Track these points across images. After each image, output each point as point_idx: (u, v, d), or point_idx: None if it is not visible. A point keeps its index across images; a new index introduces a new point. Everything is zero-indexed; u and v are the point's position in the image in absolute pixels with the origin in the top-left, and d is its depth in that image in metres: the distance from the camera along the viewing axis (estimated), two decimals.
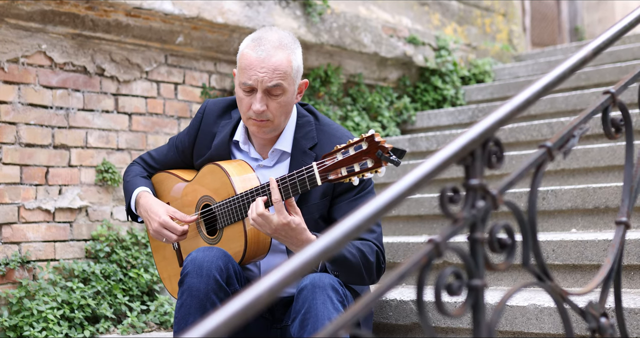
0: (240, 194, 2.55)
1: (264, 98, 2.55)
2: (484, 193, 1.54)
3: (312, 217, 2.60)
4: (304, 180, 2.34)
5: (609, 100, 2.03)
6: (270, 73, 2.53)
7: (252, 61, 2.54)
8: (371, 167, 2.21)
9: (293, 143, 2.69)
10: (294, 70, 2.58)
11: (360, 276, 2.56)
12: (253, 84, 2.54)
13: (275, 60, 2.54)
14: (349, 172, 2.24)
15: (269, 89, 2.54)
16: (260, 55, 2.54)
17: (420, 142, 5.30)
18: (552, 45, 8.66)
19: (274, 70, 2.53)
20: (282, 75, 2.54)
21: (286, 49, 2.57)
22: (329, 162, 2.28)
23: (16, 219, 3.90)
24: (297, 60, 2.60)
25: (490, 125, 1.59)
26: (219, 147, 2.77)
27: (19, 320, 3.62)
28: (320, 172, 2.30)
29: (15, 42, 3.96)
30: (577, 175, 4.01)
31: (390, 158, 2.18)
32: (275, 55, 2.54)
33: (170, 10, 4.40)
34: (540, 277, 1.72)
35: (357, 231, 1.36)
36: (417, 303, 1.40)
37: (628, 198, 2.08)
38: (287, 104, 2.59)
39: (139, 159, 3.06)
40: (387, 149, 2.18)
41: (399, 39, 5.89)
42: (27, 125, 3.98)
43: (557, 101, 5.10)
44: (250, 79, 2.54)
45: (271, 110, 2.57)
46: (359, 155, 2.22)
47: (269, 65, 2.53)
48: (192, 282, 2.46)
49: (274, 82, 2.53)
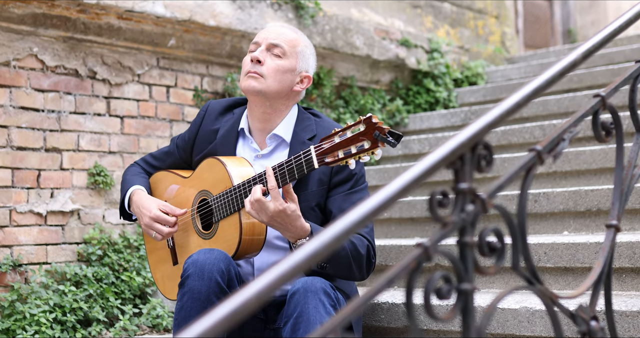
0: (237, 185, 2.58)
1: (264, 52, 2.73)
2: (473, 197, 1.54)
3: (308, 204, 2.64)
4: (301, 164, 2.38)
5: (599, 103, 2.03)
6: (276, 34, 2.75)
7: (266, 29, 2.81)
8: (368, 148, 2.23)
9: (292, 134, 2.75)
10: (299, 48, 2.77)
11: (349, 269, 2.57)
12: (259, 41, 2.75)
13: (284, 30, 2.79)
14: (345, 154, 2.27)
15: (270, 46, 2.73)
16: (273, 26, 2.84)
17: (412, 144, 5.31)
18: (545, 48, 8.68)
19: (280, 33, 2.76)
20: (287, 41, 2.75)
21: (297, 33, 2.82)
22: (327, 145, 2.31)
23: (8, 222, 3.89)
24: (307, 46, 2.81)
25: (480, 129, 1.59)
26: (224, 136, 2.84)
27: (11, 323, 3.61)
28: (318, 154, 2.33)
29: (7, 45, 3.95)
30: (569, 177, 4.02)
31: (388, 139, 2.20)
32: (287, 29, 2.81)
33: (162, 13, 4.40)
34: (530, 280, 1.72)
35: (348, 233, 1.36)
36: (407, 307, 1.40)
37: (618, 202, 2.08)
38: (283, 70, 2.73)
39: (140, 160, 3.10)
40: (384, 129, 2.21)
41: (391, 42, 5.90)
42: (18, 129, 3.97)
43: (550, 103, 5.11)
44: (259, 37, 2.77)
45: (267, 65, 2.72)
46: (356, 137, 2.25)
47: (278, 31, 2.78)
48: (193, 284, 2.46)
49: (277, 41, 2.73)
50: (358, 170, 2.70)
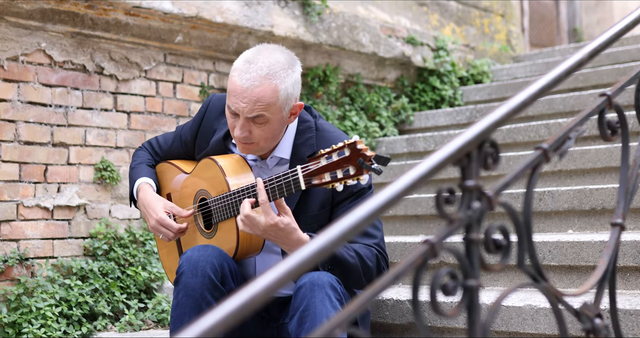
0: (233, 191, 2.56)
1: (246, 125, 2.52)
2: (480, 194, 1.55)
3: (310, 228, 2.56)
4: (289, 182, 2.33)
5: (605, 102, 2.04)
6: (252, 104, 2.48)
7: (236, 88, 2.50)
8: (353, 175, 2.18)
9: (292, 150, 2.68)
10: (280, 99, 2.50)
11: (359, 280, 2.55)
12: (235, 111, 2.53)
13: (259, 91, 2.48)
14: (332, 178, 2.21)
15: (251, 118, 2.52)
16: (243, 85, 2.49)
17: (418, 142, 5.31)
18: (551, 46, 8.67)
19: (255, 101, 2.48)
20: (265, 106, 2.48)
21: (274, 79, 2.49)
22: (313, 166, 2.25)
23: (15, 217, 3.91)
24: (287, 88, 2.52)
25: (487, 127, 1.60)
26: (215, 145, 2.79)
27: (17, 317, 3.63)
28: (305, 176, 2.27)
29: (15, 40, 3.97)
30: (574, 176, 4.02)
31: (372, 166, 2.15)
32: (259, 86, 2.48)
33: (169, 9, 4.41)
34: (535, 277, 1.73)
35: (354, 230, 1.36)
36: (413, 304, 1.41)
37: (624, 200, 2.09)
38: (273, 130, 2.56)
39: (146, 143, 3.07)
40: (368, 157, 2.14)
41: (397, 39, 5.90)
42: (26, 123, 3.98)
43: (555, 102, 5.11)
44: (233, 106, 2.52)
45: (254, 135, 2.55)
46: (341, 161, 2.19)
47: (251, 96, 2.48)
48: (187, 281, 2.48)
49: (254, 114, 2.49)
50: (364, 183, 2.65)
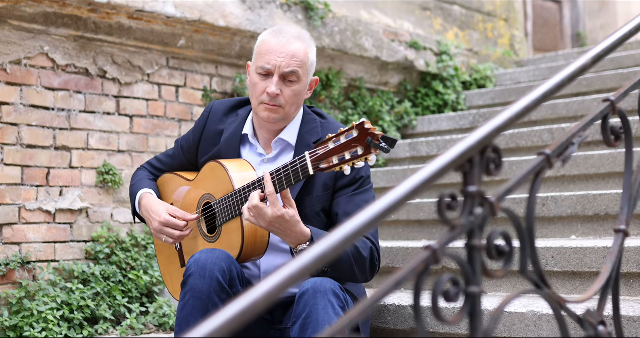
0: (238, 189, 2.57)
1: (279, 82, 2.63)
2: (482, 200, 1.54)
3: (314, 209, 2.64)
4: (297, 170, 2.36)
5: (609, 108, 2.03)
6: (289, 59, 2.62)
7: (273, 46, 2.64)
8: (361, 155, 2.22)
9: (298, 138, 2.74)
10: (309, 61, 2.68)
11: (352, 272, 2.56)
12: (271, 68, 2.62)
13: (295, 47, 2.64)
14: (340, 161, 2.26)
15: (285, 75, 2.62)
16: (281, 41, 2.63)
17: (420, 146, 5.30)
18: (554, 51, 8.66)
19: (292, 56, 2.62)
20: (299, 63, 2.63)
21: (304, 41, 2.68)
22: (321, 150, 2.30)
23: (17, 220, 3.91)
24: (312, 55, 2.71)
25: (489, 132, 1.60)
26: (228, 140, 2.81)
27: (19, 320, 3.62)
28: (313, 161, 2.31)
29: (18, 44, 3.97)
30: (577, 181, 4.01)
31: (380, 145, 2.19)
32: (294, 43, 2.65)
33: (172, 13, 4.41)
34: (538, 284, 1.72)
35: (356, 236, 1.36)
36: (414, 310, 1.41)
37: (627, 206, 2.08)
38: (300, 93, 2.67)
39: (146, 164, 3.10)
40: (377, 135, 2.19)
41: (400, 44, 5.90)
42: (28, 127, 3.98)
43: (558, 107, 5.10)
44: (269, 63, 2.62)
45: (284, 96, 2.64)
46: (349, 143, 2.24)
47: (288, 51, 2.63)
48: (195, 283, 2.47)
49: (291, 69, 2.62)
50: (364, 172, 2.68)
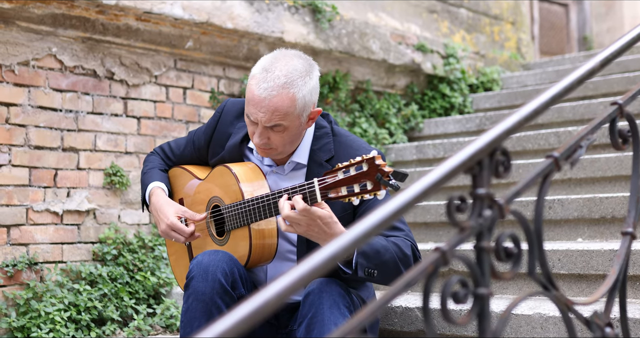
0: (247, 200, 2.55)
1: (264, 132, 2.53)
2: (491, 202, 1.55)
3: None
4: (305, 194, 2.32)
5: (617, 111, 2.04)
6: (270, 114, 2.47)
7: (254, 98, 2.50)
8: (370, 190, 2.18)
9: (310, 154, 2.68)
10: (298, 108, 2.50)
11: (397, 270, 2.47)
12: (253, 120, 2.52)
13: (276, 101, 2.47)
14: (349, 192, 2.21)
15: (269, 127, 2.52)
16: (261, 94, 2.48)
17: (427, 149, 5.31)
18: (561, 54, 8.66)
19: (273, 111, 2.47)
20: (282, 116, 2.48)
21: (291, 88, 2.48)
22: (330, 179, 2.25)
23: (24, 221, 3.92)
24: (305, 96, 2.51)
25: (498, 135, 1.60)
26: (231, 149, 2.78)
27: (26, 321, 3.64)
28: (321, 189, 2.27)
29: (26, 45, 3.99)
30: (584, 184, 4.01)
31: (390, 182, 2.15)
32: (277, 95, 2.47)
33: (180, 15, 4.43)
34: (546, 286, 1.73)
35: (366, 238, 1.36)
36: (424, 311, 1.41)
37: (634, 209, 2.08)
38: (292, 135, 2.56)
39: (158, 149, 3.07)
40: (386, 172, 2.15)
41: (407, 46, 5.91)
42: (36, 128, 4.00)
43: (565, 110, 5.10)
44: (251, 115, 2.52)
45: (273, 141, 2.55)
46: (359, 176, 2.19)
47: (269, 106, 2.47)
48: (197, 285, 2.47)
49: (272, 123, 2.49)
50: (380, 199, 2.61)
